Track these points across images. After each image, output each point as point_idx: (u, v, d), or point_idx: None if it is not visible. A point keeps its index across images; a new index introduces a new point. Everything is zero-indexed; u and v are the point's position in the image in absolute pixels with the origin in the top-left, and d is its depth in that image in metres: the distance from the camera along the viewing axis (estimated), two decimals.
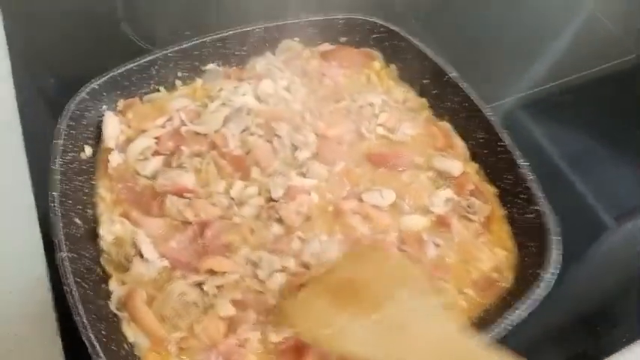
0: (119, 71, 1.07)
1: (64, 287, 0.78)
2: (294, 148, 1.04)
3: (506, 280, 0.92)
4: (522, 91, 1.36)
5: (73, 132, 0.99)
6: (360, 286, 0.75)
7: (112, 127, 1.04)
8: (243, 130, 1.06)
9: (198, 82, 1.16)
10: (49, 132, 1.07)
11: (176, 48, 1.12)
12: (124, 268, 0.90)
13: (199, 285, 0.85)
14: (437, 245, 0.93)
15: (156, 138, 1.04)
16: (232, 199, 0.96)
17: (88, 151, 1.01)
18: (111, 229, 0.92)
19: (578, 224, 0.92)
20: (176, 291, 0.83)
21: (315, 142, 1.04)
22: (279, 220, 0.93)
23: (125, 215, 0.94)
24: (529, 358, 0.81)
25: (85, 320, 0.75)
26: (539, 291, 0.84)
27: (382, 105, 1.11)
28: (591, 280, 1.01)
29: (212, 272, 0.87)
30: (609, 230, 1.11)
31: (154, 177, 1.00)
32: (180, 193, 0.97)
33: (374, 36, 1.22)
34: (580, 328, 0.97)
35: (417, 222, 0.94)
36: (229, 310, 0.83)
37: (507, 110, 1.28)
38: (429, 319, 0.70)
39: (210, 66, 1.17)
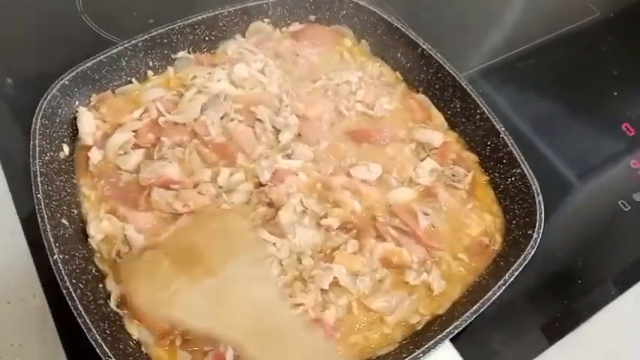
0: (88, 65, 1.03)
1: (63, 290, 0.76)
2: (277, 131, 1.03)
3: (496, 243, 0.95)
4: (484, 62, 1.37)
5: (48, 131, 0.96)
6: (197, 251, 0.75)
7: (87, 123, 1.01)
8: (223, 117, 1.05)
9: (170, 70, 1.14)
10: (16, 135, 1.05)
11: (145, 37, 1.09)
12: (116, 263, 0.88)
13: None
14: (426, 215, 0.95)
15: (134, 131, 1.02)
16: (220, 187, 0.95)
17: (66, 149, 0.98)
18: (99, 228, 0.90)
19: (544, 185, 0.94)
20: None
21: (297, 123, 1.04)
22: (270, 204, 0.93)
23: (112, 212, 0.93)
24: (506, 322, 0.86)
25: (88, 321, 0.74)
26: (531, 250, 0.88)
27: (359, 82, 1.12)
28: (561, 240, 1.04)
29: None
30: (574, 189, 1.14)
31: (136, 171, 0.98)
32: (166, 185, 0.95)
33: (343, 12, 1.22)
34: (554, 290, 1.00)
35: (405, 194, 0.96)
36: None
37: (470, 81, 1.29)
38: (253, 286, 0.72)
39: (181, 53, 1.15)
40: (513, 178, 0.99)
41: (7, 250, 0.95)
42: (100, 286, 0.85)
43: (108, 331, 0.77)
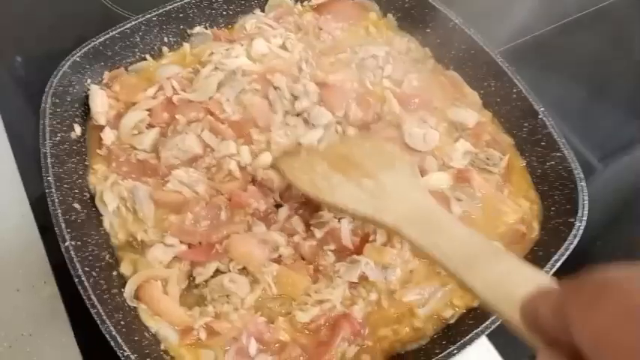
0: (100, 40, 0.98)
1: (75, 279, 0.72)
2: (294, 99, 0.96)
3: (534, 231, 0.89)
4: (514, 40, 1.30)
5: (59, 110, 0.91)
6: (354, 160, 0.82)
7: (100, 101, 0.96)
8: (239, 93, 0.98)
9: (186, 46, 1.08)
10: (26, 115, 1.01)
11: (159, 11, 1.03)
12: (132, 247, 0.84)
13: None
14: (459, 201, 0.88)
15: (148, 110, 0.96)
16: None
17: (78, 129, 0.93)
18: (114, 192, 0.87)
19: None
20: (224, 280, 0.78)
21: (317, 90, 0.96)
22: None
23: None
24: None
25: (102, 312, 0.70)
26: (573, 239, 0.81)
27: (386, 57, 1.04)
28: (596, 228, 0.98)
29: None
30: (596, 172, 1.08)
31: (153, 150, 0.93)
32: (190, 163, 0.90)
33: None
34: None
35: (440, 179, 0.89)
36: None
37: None
38: (409, 189, 0.77)
39: (198, 29, 1.09)
40: (553, 162, 0.92)
41: (17, 235, 0.92)
42: (115, 273, 0.81)
43: (122, 322, 0.72)
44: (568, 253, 0.81)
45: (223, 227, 0.84)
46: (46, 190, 0.79)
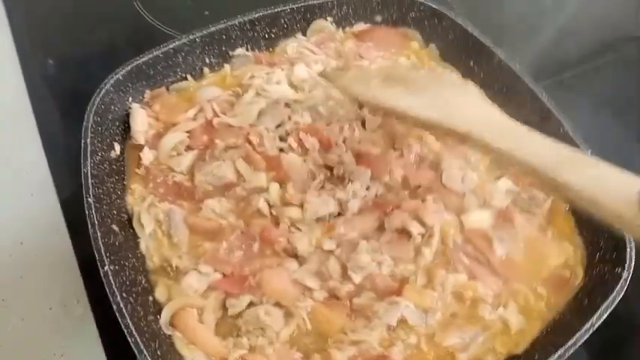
0: (144, 59, 0.98)
1: (113, 305, 0.71)
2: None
3: (578, 277, 0.86)
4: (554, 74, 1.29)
5: (100, 129, 0.91)
6: (411, 77, 0.83)
7: (141, 120, 0.96)
8: (279, 126, 0.97)
9: (227, 68, 1.07)
10: (65, 132, 1.01)
11: (203, 32, 1.03)
12: (166, 272, 0.83)
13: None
14: (501, 241, 0.86)
15: (188, 132, 0.96)
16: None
17: (117, 148, 0.93)
18: (151, 215, 0.87)
19: None
20: (260, 312, 0.76)
21: (353, 161, 0.92)
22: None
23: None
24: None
25: (139, 342, 0.68)
26: (620, 291, 0.79)
27: None
28: None
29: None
30: None
31: (189, 172, 0.92)
32: (222, 192, 0.89)
33: (412, 14, 1.14)
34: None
35: (482, 218, 0.87)
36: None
37: None
38: (479, 103, 0.79)
39: (239, 51, 1.08)
40: None
41: (51, 252, 0.91)
42: (150, 299, 0.79)
43: (159, 352, 0.71)
44: (615, 303, 0.78)
45: (256, 260, 0.83)
46: (87, 212, 0.78)
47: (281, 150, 0.95)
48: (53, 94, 1.13)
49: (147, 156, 0.93)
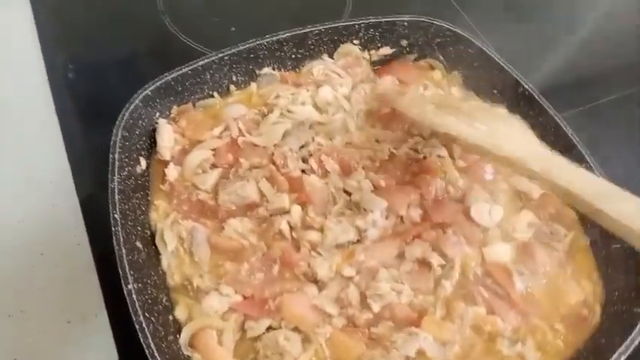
0: (173, 75, 0.99)
1: (135, 325, 0.72)
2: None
3: (596, 315, 0.86)
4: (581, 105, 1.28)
5: (127, 144, 0.92)
6: (462, 108, 0.90)
7: (167, 136, 0.97)
8: (302, 147, 0.98)
9: (253, 86, 1.08)
10: (89, 143, 1.03)
11: (232, 51, 1.04)
12: (186, 290, 0.84)
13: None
14: (521, 274, 0.86)
15: (213, 149, 0.97)
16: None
17: (143, 163, 0.94)
18: (175, 232, 0.88)
19: None
20: (279, 337, 0.77)
21: (370, 188, 0.92)
22: None
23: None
24: None
25: None
26: (638, 331, 0.79)
27: None
28: None
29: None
30: None
31: (214, 191, 0.93)
32: (245, 212, 0.90)
33: (438, 40, 1.14)
34: None
35: (502, 251, 0.87)
36: None
37: None
38: (525, 137, 0.85)
39: (266, 70, 1.09)
40: (618, 245, 0.89)
41: (72, 264, 0.92)
42: (170, 318, 0.80)
43: None
44: (634, 345, 0.78)
45: (276, 283, 0.84)
46: (112, 229, 0.79)
47: (302, 171, 0.95)
48: (78, 106, 1.14)
49: (172, 172, 0.94)
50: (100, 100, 1.14)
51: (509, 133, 0.85)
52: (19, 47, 1.22)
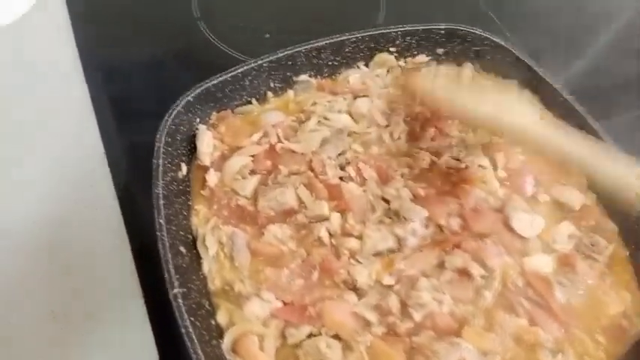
0: (214, 82, 1.00)
1: (182, 329, 0.73)
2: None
3: (635, 326, 0.85)
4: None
5: (170, 149, 0.93)
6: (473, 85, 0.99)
7: (207, 142, 0.98)
8: (340, 154, 0.99)
9: (290, 93, 1.09)
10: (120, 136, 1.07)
11: (270, 58, 1.05)
12: (227, 295, 0.85)
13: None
14: (562, 286, 0.86)
15: (252, 156, 0.98)
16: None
17: (184, 169, 0.95)
18: (216, 236, 0.89)
19: None
20: (321, 344, 0.77)
21: (409, 196, 0.93)
22: None
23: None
24: None
25: None
26: None
27: None
28: None
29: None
30: None
31: (253, 197, 0.94)
32: (284, 218, 0.91)
33: (475, 48, 1.14)
34: None
35: (544, 263, 0.87)
36: None
37: None
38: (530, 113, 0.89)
39: (303, 77, 1.10)
40: None
41: (111, 266, 0.94)
42: (213, 322, 0.81)
43: None
44: None
45: (316, 290, 0.84)
46: (158, 234, 0.80)
47: (340, 179, 0.96)
48: (115, 111, 1.15)
49: (212, 178, 0.95)
50: (136, 104, 1.17)
51: (513, 106, 0.89)
52: (56, 51, 1.24)
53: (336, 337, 0.80)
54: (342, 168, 0.98)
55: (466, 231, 0.89)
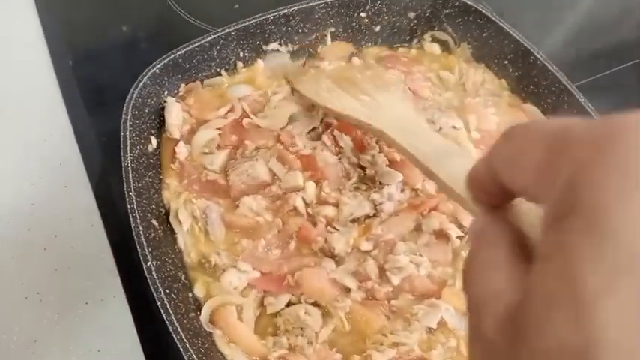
0: (180, 53, 0.97)
1: (157, 301, 0.71)
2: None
3: None
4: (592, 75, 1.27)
5: (137, 122, 0.90)
6: (355, 81, 0.96)
7: (175, 114, 0.96)
8: (311, 131, 0.97)
9: (260, 63, 1.06)
10: (99, 123, 1.02)
11: (238, 26, 1.02)
12: (203, 268, 0.84)
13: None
14: None
15: (219, 129, 0.95)
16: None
17: (154, 142, 0.93)
18: (189, 210, 0.87)
19: None
20: (300, 311, 0.76)
21: (386, 162, 0.91)
22: None
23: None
24: None
25: (184, 339, 0.69)
26: None
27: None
28: None
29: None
30: None
31: (222, 171, 0.92)
32: (257, 190, 0.89)
33: (446, 11, 1.12)
34: None
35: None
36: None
37: None
38: (397, 104, 0.90)
39: (273, 45, 1.07)
40: None
41: (87, 246, 0.91)
42: (190, 295, 0.80)
43: (202, 349, 0.71)
44: None
45: (294, 259, 0.83)
46: (128, 207, 0.78)
47: (313, 149, 0.94)
48: (84, 91, 1.11)
49: (182, 151, 0.93)
50: (106, 84, 1.13)
51: (387, 101, 0.89)
52: (23, 36, 1.20)
53: (316, 304, 0.80)
54: (314, 141, 0.96)
55: (442, 193, 0.88)
